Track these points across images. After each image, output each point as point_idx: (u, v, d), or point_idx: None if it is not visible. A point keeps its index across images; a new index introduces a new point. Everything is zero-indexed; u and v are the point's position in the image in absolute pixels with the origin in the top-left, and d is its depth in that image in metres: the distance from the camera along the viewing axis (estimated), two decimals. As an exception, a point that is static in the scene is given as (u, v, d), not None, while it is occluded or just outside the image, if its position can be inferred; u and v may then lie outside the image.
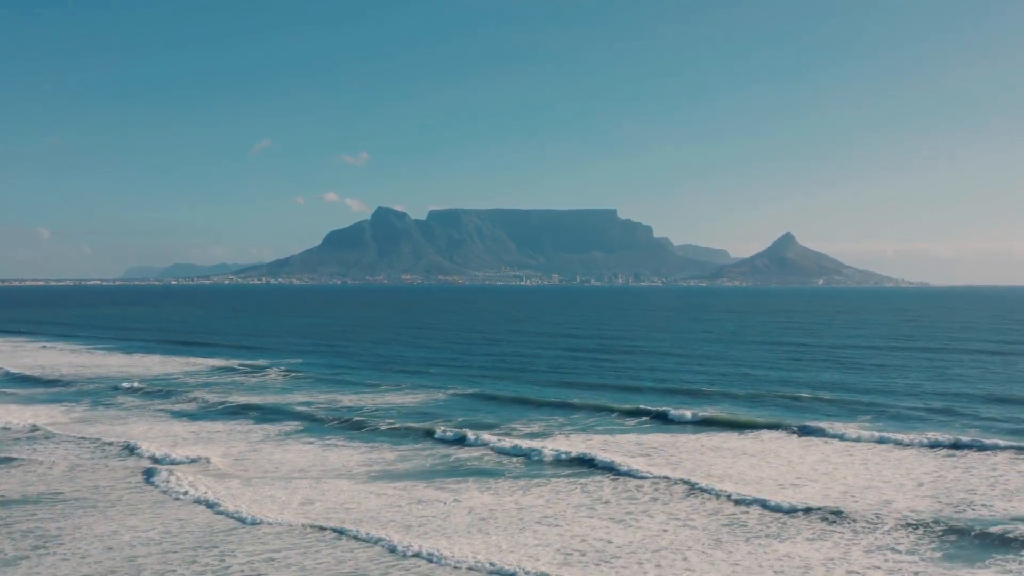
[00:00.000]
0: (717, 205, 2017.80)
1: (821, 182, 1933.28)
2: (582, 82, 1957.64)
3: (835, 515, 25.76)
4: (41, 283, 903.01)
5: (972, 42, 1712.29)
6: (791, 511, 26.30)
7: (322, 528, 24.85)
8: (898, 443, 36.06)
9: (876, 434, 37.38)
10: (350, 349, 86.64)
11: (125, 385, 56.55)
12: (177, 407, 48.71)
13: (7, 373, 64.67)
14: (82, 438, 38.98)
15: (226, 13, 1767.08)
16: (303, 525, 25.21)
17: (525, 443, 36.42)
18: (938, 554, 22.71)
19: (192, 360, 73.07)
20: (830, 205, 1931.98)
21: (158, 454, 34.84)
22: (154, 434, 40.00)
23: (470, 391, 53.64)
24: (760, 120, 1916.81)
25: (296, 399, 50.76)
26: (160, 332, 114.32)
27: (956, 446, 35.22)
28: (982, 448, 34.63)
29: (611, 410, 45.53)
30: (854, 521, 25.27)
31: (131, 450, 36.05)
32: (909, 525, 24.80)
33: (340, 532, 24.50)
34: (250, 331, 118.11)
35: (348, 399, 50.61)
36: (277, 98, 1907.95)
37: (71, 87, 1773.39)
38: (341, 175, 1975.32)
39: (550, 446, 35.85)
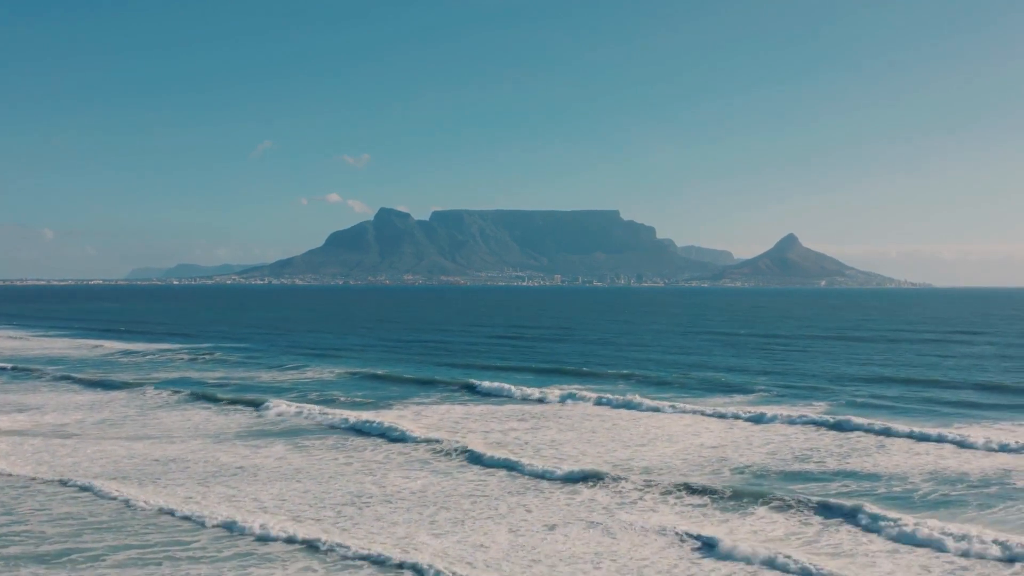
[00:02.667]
0: (720, 206, 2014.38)
1: (824, 184, 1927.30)
2: (585, 84, 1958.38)
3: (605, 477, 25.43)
4: (43, 283, 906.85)
5: (974, 45, 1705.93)
6: (556, 477, 25.80)
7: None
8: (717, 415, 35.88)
9: (749, 409, 37.00)
10: (280, 338, 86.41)
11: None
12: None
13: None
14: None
15: (227, 13, 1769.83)
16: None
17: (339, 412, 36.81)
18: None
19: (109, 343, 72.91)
20: (833, 207, 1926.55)
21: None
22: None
23: (357, 370, 53.99)
24: (763, 122, 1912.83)
25: (173, 375, 50.81)
26: (105, 323, 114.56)
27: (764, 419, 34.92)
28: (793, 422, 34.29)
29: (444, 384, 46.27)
30: (621, 480, 24.86)
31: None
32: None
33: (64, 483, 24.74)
34: (195, 322, 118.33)
35: (237, 376, 51.04)
36: (279, 99, 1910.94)
37: (74, 87, 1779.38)
38: (344, 176, 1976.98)
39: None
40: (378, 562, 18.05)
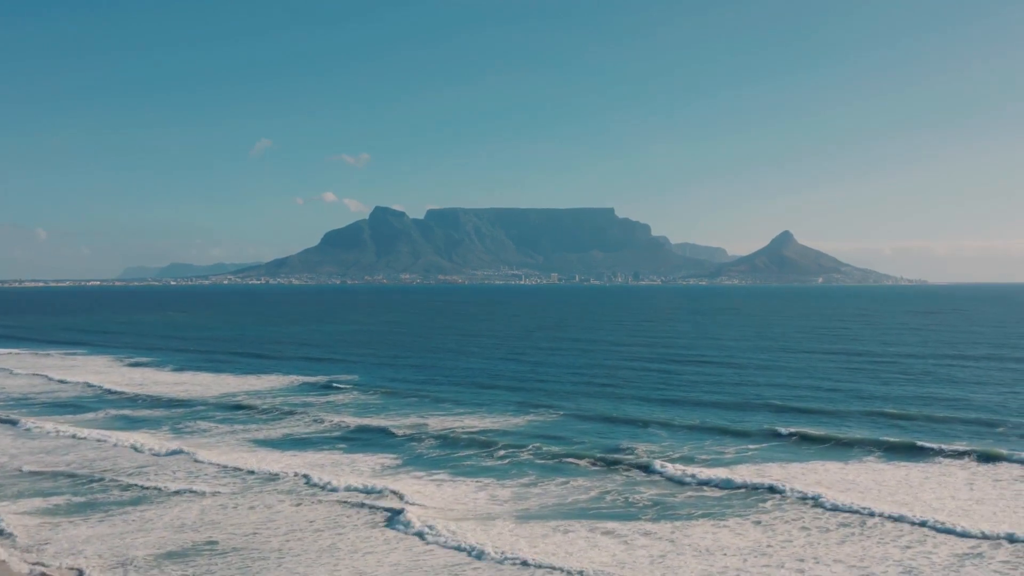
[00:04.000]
0: (715, 204, 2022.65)
1: (819, 180, 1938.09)
2: (580, 82, 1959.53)
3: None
4: (41, 284, 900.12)
5: (967, 41, 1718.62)
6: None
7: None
8: None
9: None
10: (409, 360, 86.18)
11: (227, 404, 56.56)
12: (267, 432, 47.18)
13: (107, 391, 64.62)
14: (249, 472, 37.57)
15: (226, 13, 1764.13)
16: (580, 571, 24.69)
17: (679, 469, 36.08)
18: None
19: (267, 377, 71.66)
20: (828, 203, 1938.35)
21: (358, 484, 34.31)
22: (270, 462, 39.19)
23: (575, 410, 52.84)
24: (758, 119, 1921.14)
25: (383, 423, 48.75)
26: (217, 343, 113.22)
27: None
28: None
29: (749, 434, 44.73)
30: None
31: (306, 480, 35.62)
32: None
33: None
34: (295, 340, 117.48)
35: (432, 422, 49.10)
36: (276, 98, 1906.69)
37: (71, 87, 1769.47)
38: (339, 175, 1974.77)
39: (726, 475, 35.10)
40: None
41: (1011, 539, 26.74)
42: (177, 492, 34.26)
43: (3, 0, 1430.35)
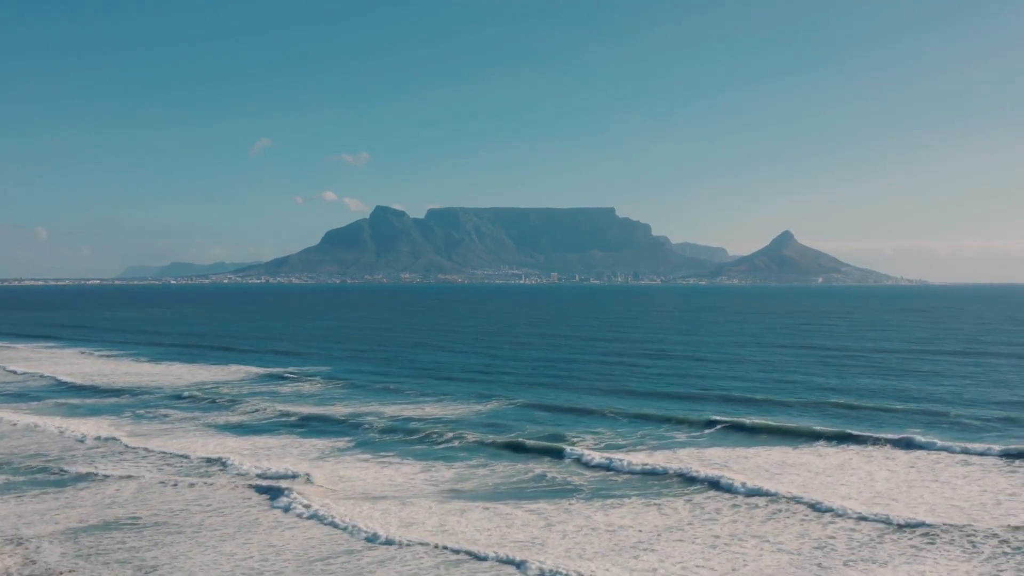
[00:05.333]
0: (715, 203, 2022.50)
1: (819, 180, 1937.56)
2: (580, 81, 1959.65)
3: (953, 532, 25.76)
4: (40, 283, 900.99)
5: (968, 42, 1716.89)
6: (916, 526, 26.24)
7: (457, 550, 24.64)
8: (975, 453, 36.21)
9: (989, 447, 37.06)
10: (378, 354, 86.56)
11: (174, 395, 56.68)
12: (222, 419, 47.94)
13: (57, 381, 64.63)
14: (164, 452, 38.57)
15: (226, 13, 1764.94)
16: (438, 546, 25.00)
17: (604, 455, 36.34)
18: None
19: (227, 368, 72.52)
20: (828, 203, 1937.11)
21: (255, 470, 34.59)
22: (212, 447, 39.59)
23: (521, 400, 53.20)
24: (758, 119, 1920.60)
25: (340, 410, 49.80)
26: (186, 337, 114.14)
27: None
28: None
29: (679, 421, 45.29)
30: (971, 540, 25.21)
31: (223, 464, 35.84)
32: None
33: (474, 555, 24.30)
34: (271, 335, 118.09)
35: (394, 409, 50.15)
36: (276, 98, 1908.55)
37: (71, 87, 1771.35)
38: (340, 174, 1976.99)
39: (634, 459, 35.67)
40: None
41: (910, 524, 26.66)
42: (107, 476, 34.42)
43: (3, 0, 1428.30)
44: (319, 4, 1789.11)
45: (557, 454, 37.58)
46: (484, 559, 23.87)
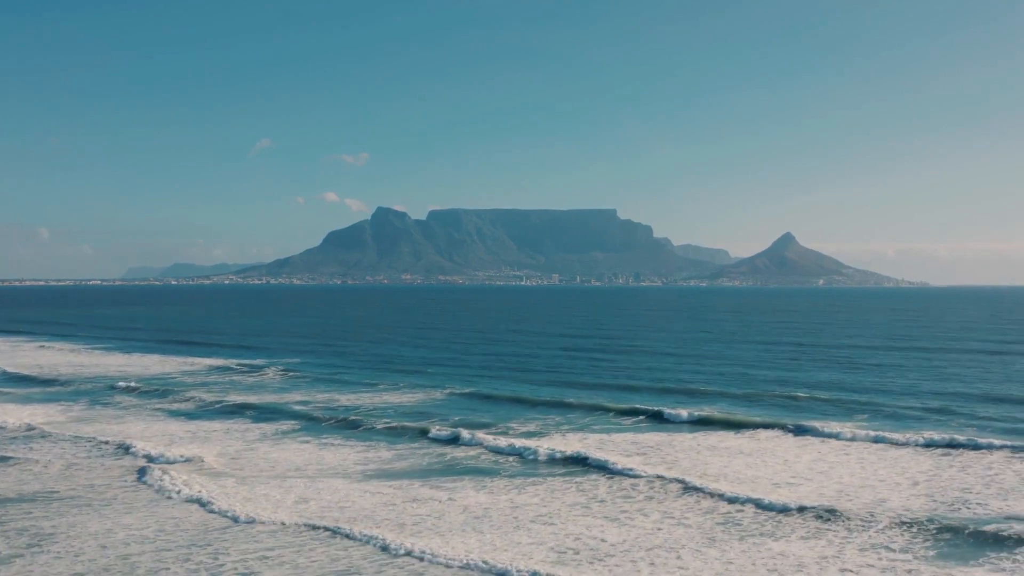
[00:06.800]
0: (717, 205, 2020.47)
1: (821, 182, 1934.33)
2: (582, 82, 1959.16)
3: (829, 513, 25.80)
4: (41, 283, 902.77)
5: (971, 43, 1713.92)
6: (784, 510, 26.33)
7: (315, 527, 24.84)
8: (894, 442, 36.06)
9: (872, 433, 37.40)
10: (348, 349, 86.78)
11: (122, 384, 56.66)
12: (174, 406, 48.74)
13: (4, 372, 64.81)
14: (78, 437, 39.04)
15: (226, 13, 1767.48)
16: (297, 524, 25.24)
17: (520, 442, 36.49)
18: (932, 552, 22.74)
19: (190, 360, 73.26)
20: (830, 205, 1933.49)
21: (153, 453, 34.94)
22: (150, 433, 40.06)
23: (467, 390, 53.68)
24: (760, 120, 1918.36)
25: (293, 398, 50.86)
26: (159, 332, 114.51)
27: (952, 445, 35.23)
28: (977, 447, 34.62)
29: (607, 409, 45.58)
30: (848, 520, 25.30)
31: (126, 449, 36.10)
32: (904, 523, 24.84)
33: (333, 531, 24.50)
34: (248, 331, 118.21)
35: (346, 398, 50.82)
36: (277, 98, 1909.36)
37: (71, 87, 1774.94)
38: (341, 175, 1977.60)
39: (545, 445, 35.86)
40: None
41: (800, 508, 26.60)
42: (16, 459, 34.58)
43: (3, 0, 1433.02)
44: (319, 4, 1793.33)
45: (475, 441, 37.53)
46: (350, 537, 23.84)
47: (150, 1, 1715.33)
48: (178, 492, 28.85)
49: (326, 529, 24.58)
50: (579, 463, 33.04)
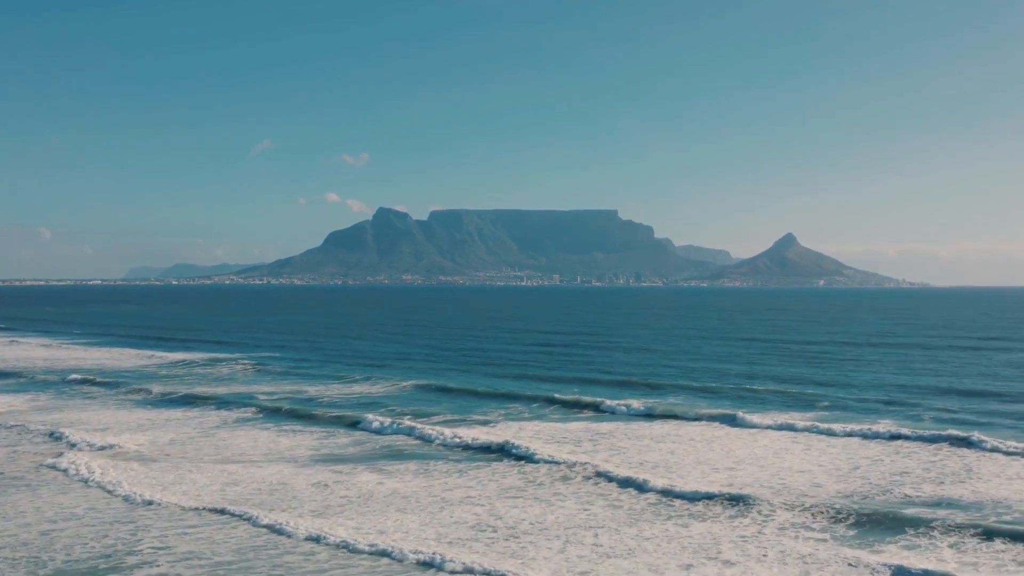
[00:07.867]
0: (718, 206, 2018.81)
1: (822, 183, 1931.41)
2: (583, 83, 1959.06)
3: (757, 498, 25.63)
4: (42, 283, 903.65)
5: (972, 43, 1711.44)
6: (712, 496, 25.98)
7: (220, 511, 24.84)
8: (844, 433, 35.91)
9: (823, 425, 37.24)
10: (326, 344, 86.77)
11: (78, 376, 56.83)
12: (137, 397, 48.89)
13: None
14: (11, 425, 39.21)
15: (226, 13, 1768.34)
16: (200, 508, 25.23)
17: (466, 431, 36.61)
18: (852, 532, 22.70)
19: (164, 354, 73.23)
20: (831, 206, 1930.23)
21: (76, 440, 35.08)
22: (100, 421, 40.11)
23: (431, 383, 53.70)
24: (761, 121, 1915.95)
25: (260, 389, 50.90)
26: (141, 329, 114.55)
27: (901, 436, 35.03)
28: (931, 440, 34.28)
29: (559, 402, 45.55)
30: (773, 503, 25.13)
31: (57, 438, 36.21)
32: (832, 507, 24.62)
33: (236, 515, 24.47)
34: (231, 328, 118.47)
35: (314, 389, 50.97)
36: (278, 98, 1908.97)
37: (72, 87, 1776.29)
38: (342, 175, 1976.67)
39: (490, 434, 35.90)
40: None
41: (730, 495, 26.47)
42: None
43: (3, 0, 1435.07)
44: (319, 4, 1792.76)
45: (420, 432, 37.25)
46: (251, 520, 23.85)
47: (150, 1, 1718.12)
48: (85, 479, 28.90)
49: (227, 512, 24.57)
50: (516, 452, 32.69)
